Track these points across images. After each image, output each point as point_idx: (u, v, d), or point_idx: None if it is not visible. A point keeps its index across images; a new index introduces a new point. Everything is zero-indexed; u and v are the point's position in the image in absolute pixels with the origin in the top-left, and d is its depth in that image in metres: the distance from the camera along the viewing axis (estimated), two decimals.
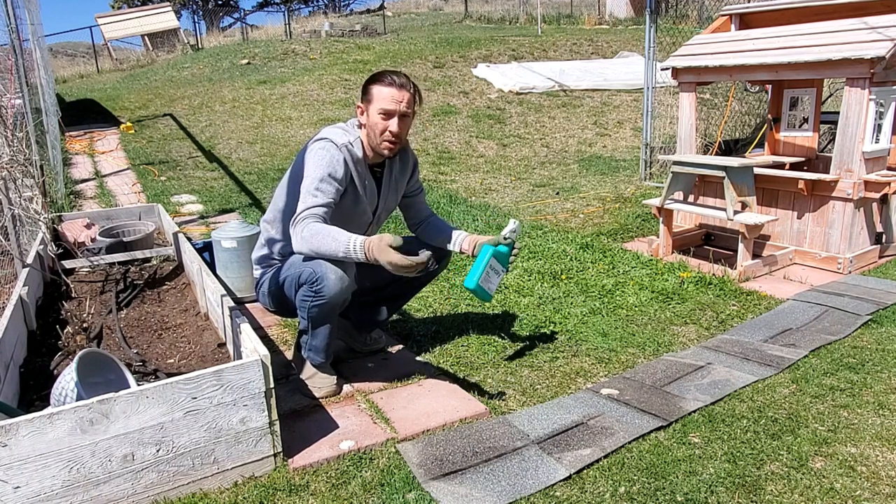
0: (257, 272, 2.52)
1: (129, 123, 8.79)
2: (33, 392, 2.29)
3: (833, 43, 3.56)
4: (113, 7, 29.09)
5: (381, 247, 1.98)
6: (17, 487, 1.60)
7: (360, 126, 2.34)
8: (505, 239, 2.34)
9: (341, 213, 2.27)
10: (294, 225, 2.15)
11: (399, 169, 2.49)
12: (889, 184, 3.60)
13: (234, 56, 13.62)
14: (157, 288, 3.36)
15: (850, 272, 3.68)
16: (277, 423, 1.94)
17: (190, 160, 7.30)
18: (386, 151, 2.31)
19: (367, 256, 2.02)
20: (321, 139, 2.27)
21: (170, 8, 19.17)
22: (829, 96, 6.49)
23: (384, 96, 2.25)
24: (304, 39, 15.96)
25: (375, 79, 2.29)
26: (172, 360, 2.59)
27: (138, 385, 1.90)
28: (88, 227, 3.94)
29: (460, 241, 2.49)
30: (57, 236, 3.76)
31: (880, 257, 3.94)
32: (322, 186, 2.18)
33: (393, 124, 2.26)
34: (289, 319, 3.07)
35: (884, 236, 3.93)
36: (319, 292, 2.17)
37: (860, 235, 3.78)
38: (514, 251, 2.37)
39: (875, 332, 2.88)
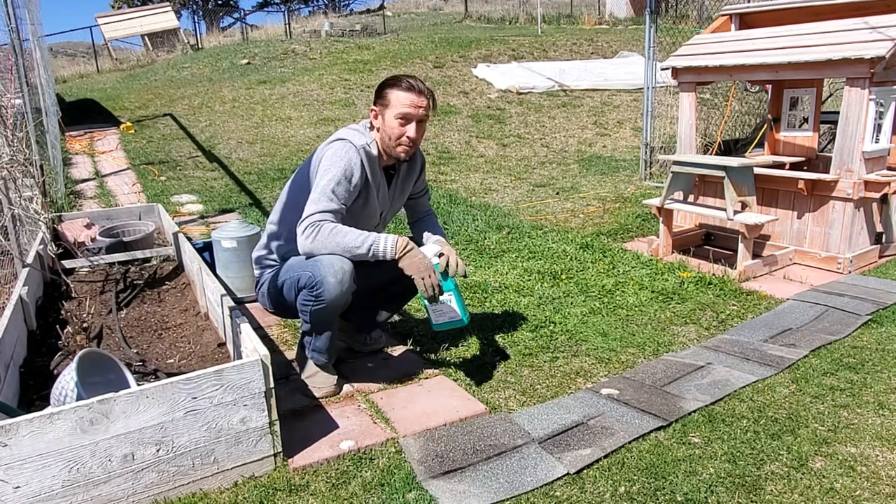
0: (257, 271, 2.52)
1: (129, 123, 8.79)
2: (33, 392, 2.29)
3: (833, 43, 3.56)
4: (113, 7, 29.08)
5: (425, 262, 2.13)
6: (18, 487, 1.60)
7: (373, 128, 2.34)
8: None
9: (350, 215, 2.26)
10: (305, 226, 2.13)
11: (407, 170, 2.51)
12: (889, 184, 3.60)
13: (234, 56, 13.62)
14: (157, 288, 3.37)
15: (850, 272, 3.68)
16: (277, 423, 1.94)
17: (190, 160, 7.30)
18: (402, 155, 2.32)
19: (396, 253, 2.13)
20: (340, 139, 2.26)
21: (170, 8, 19.18)
22: (829, 96, 6.49)
23: (403, 101, 2.23)
24: (304, 39, 15.96)
25: (393, 83, 2.27)
26: (172, 360, 2.59)
27: (138, 385, 1.90)
28: (88, 227, 3.94)
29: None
30: (57, 236, 3.76)
31: (880, 257, 3.94)
32: (338, 190, 2.16)
33: (411, 129, 2.26)
34: (289, 319, 3.07)
35: (884, 236, 3.93)
36: (319, 297, 2.16)
37: (860, 235, 3.78)
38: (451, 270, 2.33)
39: (875, 332, 2.88)
